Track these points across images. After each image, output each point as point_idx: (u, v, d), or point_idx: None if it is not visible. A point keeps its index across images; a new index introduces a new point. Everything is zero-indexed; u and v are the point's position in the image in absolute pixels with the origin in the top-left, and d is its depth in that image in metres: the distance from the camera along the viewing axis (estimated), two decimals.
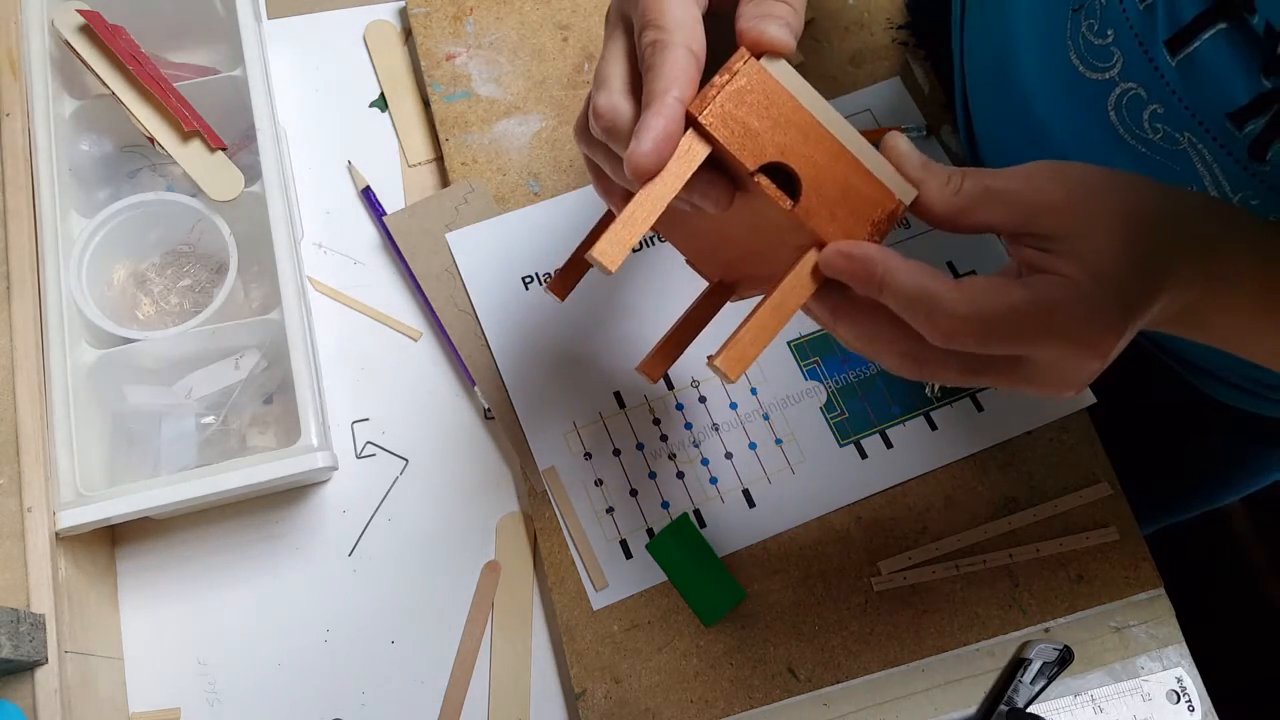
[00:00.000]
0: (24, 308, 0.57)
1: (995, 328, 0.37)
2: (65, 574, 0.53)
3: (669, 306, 0.64)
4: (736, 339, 0.41)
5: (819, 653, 0.58)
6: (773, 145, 0.41)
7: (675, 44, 0.40)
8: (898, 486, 0.61)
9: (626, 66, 0.42)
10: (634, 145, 0.39)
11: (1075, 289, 0.38)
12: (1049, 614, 0.59)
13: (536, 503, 0.61)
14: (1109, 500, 0.61)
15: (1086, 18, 0.51)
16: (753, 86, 0.41)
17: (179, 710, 0.58)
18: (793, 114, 0.41)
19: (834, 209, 0.41)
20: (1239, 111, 0.45)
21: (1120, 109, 0.51)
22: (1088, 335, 0.38)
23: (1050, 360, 0.39)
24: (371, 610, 0.60)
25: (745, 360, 0.41)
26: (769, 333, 0.42)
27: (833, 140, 0.41)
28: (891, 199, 0.42)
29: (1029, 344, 0.38)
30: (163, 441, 0.61)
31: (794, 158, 0.41)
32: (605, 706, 0.57)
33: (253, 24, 0.65)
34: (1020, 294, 0.38)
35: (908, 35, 0.72)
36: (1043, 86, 0.56)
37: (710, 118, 0.40)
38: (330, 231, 0.68)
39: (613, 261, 0.40)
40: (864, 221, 0.41)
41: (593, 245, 0.40)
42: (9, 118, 0.61)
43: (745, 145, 0.41)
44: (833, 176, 0.41)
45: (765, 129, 0.41)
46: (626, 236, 0.40)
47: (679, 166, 0.41)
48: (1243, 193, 0.48)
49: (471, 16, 0.72)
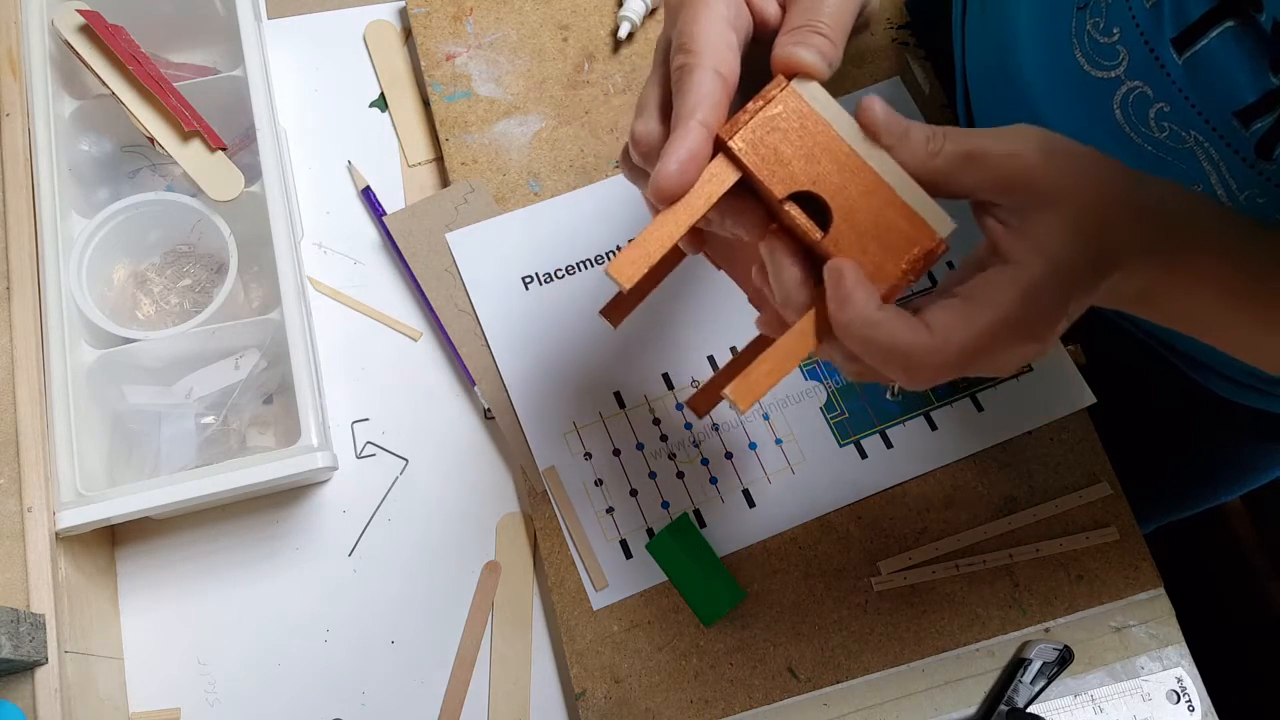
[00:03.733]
0: (24, 308, 0.57)
1: (967, 362, 0.39)
2: (65, 574, 0.53)
3: (669, 306, 0.64)
4: (751, 370, 0.40)
5: (819, 653, 0.58)
6: (805, 174, 0.40)
7: (702, 67, 0.40)
8: (898, 486, 0.61)
9: (661, 93, 0.42)
10: (658, 167, 0.39)
11: (1029, 284, 0.39)
12: (1049, 614, 0.59)
13: (536, 503, 0.61)
14: (1109, 500, 0.61)
15: (1091, 15, 0.51)
16: (787, 113, 0.40)
17: (179, 710, 0.58)
18: (828, 143, 0.40)
19: (865, 243, 0.40)
20: (1246, 109, 0.45)
21: (1126, 107, 0.51)
22: (1037, 330, 0.40)
23: (1008, 359, 0.41)
24: (371, 610, 0.60)
25: (757, 392, 0.40)
26: (785, 368, 0.41)
27: (870, 172, 0.40)
28: (931, 237, 0.40)
29: (998, 358, 0.40)
30: (163, 441, 0.61)
31: (826, 188, 0.40)
32: (605, 706, 0.57)
33: (253, 24, 0.65)
34: (988, 317, 0.39)
35: (908, 35, 0.72)
36: (1046, 85, 0.56)
37: (740, 143, 0.40)
38: (330, 231, 0.68)
39: (629, 279, 0.40)
40: (898, 258, 0.40)
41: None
42: (9, 118, 0.61)
43: (775, 172, 0.40)
44: (867, 209, 0.40)
45: (797, 156, 0.40)
46: (645, 254, 0.40)
47: (707, 189, 0.40)
48: (1249, 191, 0.48)
49: (471, 16, 0.72)
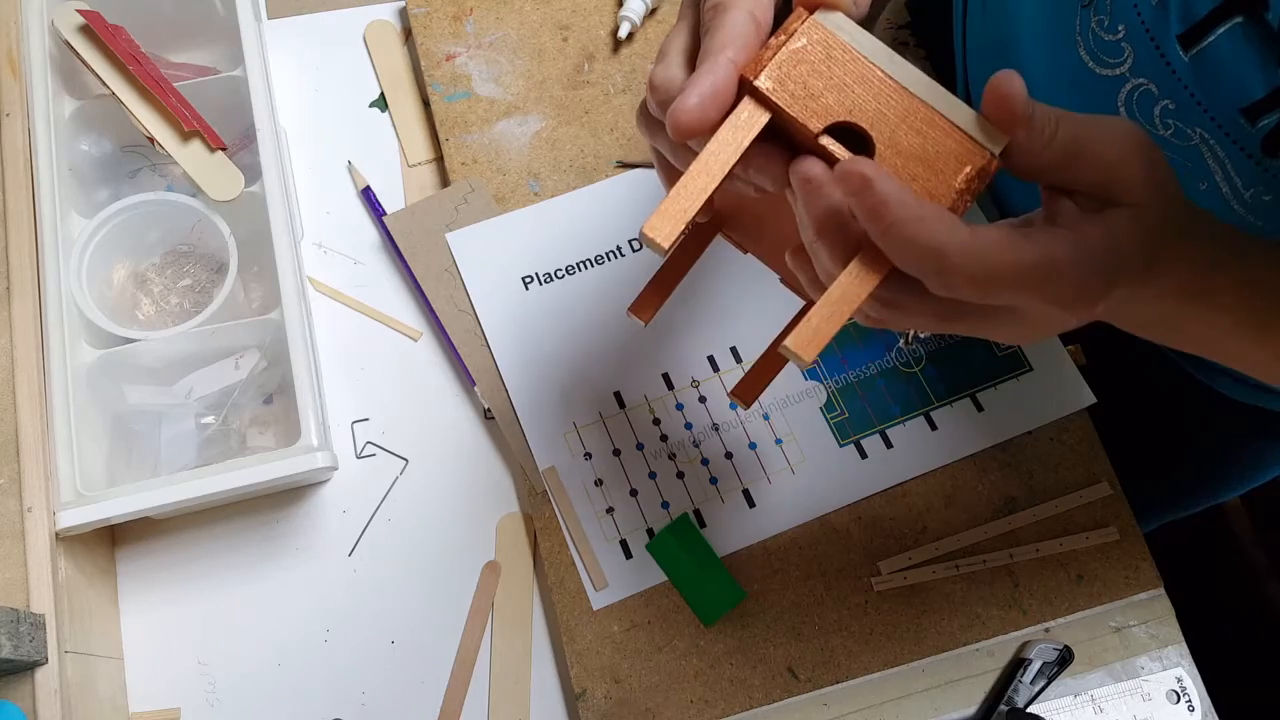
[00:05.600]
0: (24, 308, 0.57)
1: (1001, 284, 0.36)
2: (65, 574, 0.53)
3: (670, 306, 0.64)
4: (808, 320, 0.37)
5: (819, 653, 0.58)
6: (838, 105, 0.37)
7: (736, 6, 0.38)
8: (898, 486, 0.61)
9: (688, 40, 0.40)
10: (678, 100, 0.36)
11: (1084, 250, 0.36)
12: (1049, 614, 0.59)
13: (536, 503, 0.61)
14: (1109, 500, 0.61)
15: (1096, 13, 0.50)
16: (812, 44, 0.37)
17: (179, 710, 0.58)
18: (859, 70, 0.37)
19: (913, 168, 0.37)
20: (1253, 106, 0.45)
21: (1130, 105, 0.50)
22: (1073, 299, 0.37)
23: (1031, 314, 0.38)
24: (371, 610, 0.60)
25: (819, 341, 0.36)
26: (844, 314, 0.37)
27: (906, 94, 0.37)
28: (981, 153, 0.37)
29: (1024, 300, 0.37)
30: (163, 441, 0.61)
31: (864, 116, 0.37)
32: (605, 706, 0.57)
33: (253, 24, 0.65)
34: (1031, 253, 0.36)
35: (908, 35, 0.72)
36: (1049, 84, 0.56)
37: (767, 81, 0.37)
38: (330, 231, 0.68)
39: (666, 237, 0.37)
40: (950, 179, 0.37)
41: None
42: (9, 118, 0.61)
43: (807, 107, 0.37)
44: (910, 133, 0.37)
45: (829, 89, 0.37)
46: (680, 210, 0.37)
47: (735, 135, 0.37)
48: (1255, 188, 0.48)
49: (471, 16, 0.72)
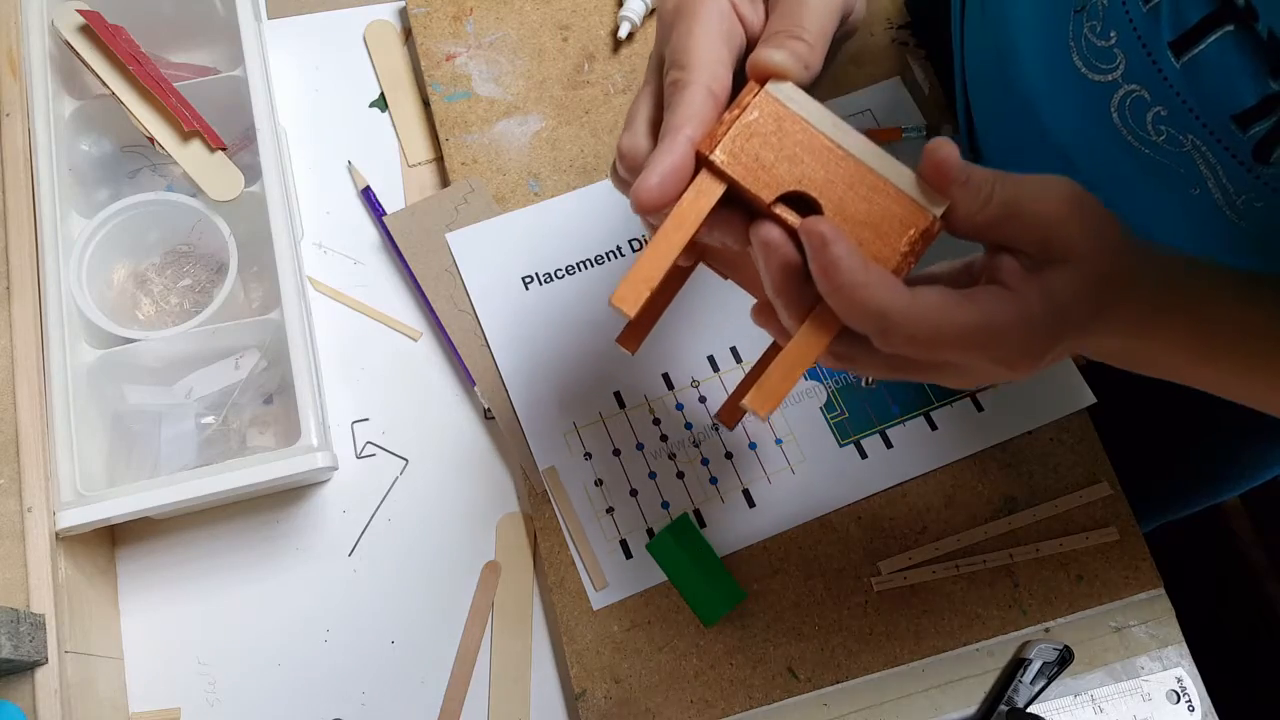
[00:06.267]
0: (24, 308, 0.57)
1: (943, 345, 0.39)
2: (65, 574, 0.53)
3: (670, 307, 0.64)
4: (766, 377, 0.40)
5: (819, 653, 0.58)
6: (789, 175, 0.40)
7: (694, 83, 0.40)
8: (898, 486, 0.61)
9: (652, 108, 0.42)
10: (640, 179, 0.39)
11: (1024, 313, 0.39)
12: (1049, 614, 0.59)
13: (536, 503, 0.61)
14: (1109, 500, 0.61)
15: (1089, 19, 0.50)
16: (763, 117, 0.40)
17: (179, 710, 0.58)
18: (808, 140, 0.40)
19: (860, 232, 0.39)
20: (1245, 113, 0.45)
21: (1123, 111, 0.50)
22: (1018, 359, 0.40)
23: (977, 368, 0.41)
24: (371, 610, 0.60)
25: (775, 399, 0.40)
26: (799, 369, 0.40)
27: (853, 161, 0.40)
28: (924, 216, 0.40)
29: (967, 359, 0.40)
30: (163, 441, 0.61)
31: (813, 184, 0.40)
32: (605, 706, 0.57)
33: (253, 24, 0.65)
34: (971, 316, 0.39)
35: (908, 35, 0.72)
36: (1044, 87, 0.56)
37: (721, 154, 0.39)
38: (330, 231, 0.68)
39: (631, 306, 0.39)
40: (895, 242, 0.40)
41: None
42: (9, 118, 0.61)
43: (759, 178, 0.39)
44: (857, 199, 0.40)
45: (780, 159, 0.40)
46: (644, 278, 0.39)
47: (695, 204, 0.40)
48: (1246, 195, 0.48)
49: (471, 16, 0.72)
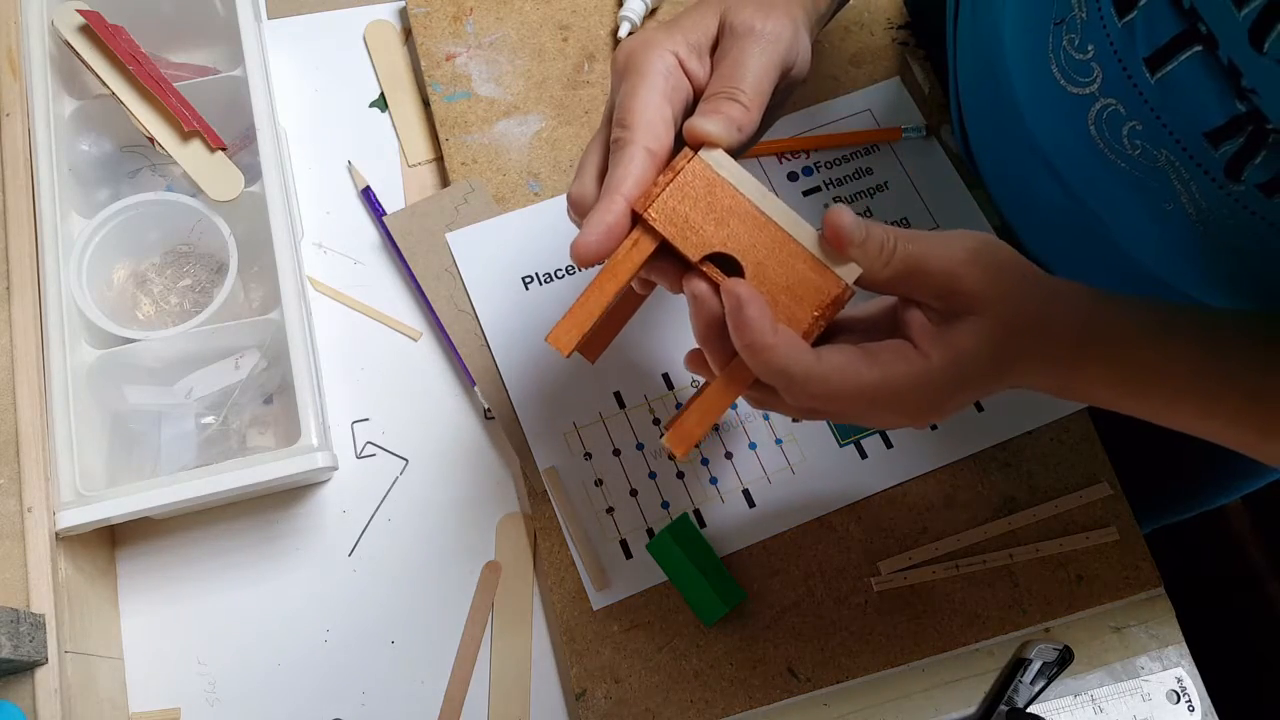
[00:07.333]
0: (24, 308, 0.57)
1: (841, 401, 0.43)
2: (65, 574, 0.53)
3: (670, 307, 0.64)
4: (682, 418, 0.44)
5: (819, 653, 0.58)
6: (716, 236, 0.43)
7: (634, 143, 0.43)
8: (898, 486, 0.61)
9: (601, 158, 0.46)
10: (579, 235, 0.43)
11: (924, 372, 0.43)
12: (1049, 614, 0.59)
13: (536, 503, 0.61)
14: (1109, 500, 0.61)
15: (1068, 32, 0.51)
16: (695, 181, 0.43)
17: (179, 710, 0.58)
18: (735, 205, 0.43)
19: (777, 294, 0.43)
20: (1215, 131, 0.45)
21: (1100, 124, 0.51)
22: (915, 412, 0.44)
23: (877, 418, 0.45)
24: (371, 610, 0.60)
25: (691, 440, 0.43)
26: (715, 413, 0.44)
27: (775, 228, 0.43)
28: (837, 284, 0.43)
29: (869, 411, 0.44)
30: (163, 441, 0.61)
31: (737, 246, 0.43)
32: (605, 706, 0.57)
33: (253, 24, 0.65)
34: (871, 376, 0.42)
35: (907, 35, 0.72)
36: (1029, 97, 0.56)
37: (654, 213, 0.43)
38: (330, 231, 0.68)
39: (566, 346, 0.43)
40: (808, 307, 0.43)
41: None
42: (9, 118, 0.61)
43: (688, 238, 0.43)
44: (776, 263, 0.43)
45: (708, 221, 0.43)
46: (580, 322, 0.43)
47: (632, 256, 0.44)
48: (1219, 212, 0.48)
49: (471, 16, 0.72)
